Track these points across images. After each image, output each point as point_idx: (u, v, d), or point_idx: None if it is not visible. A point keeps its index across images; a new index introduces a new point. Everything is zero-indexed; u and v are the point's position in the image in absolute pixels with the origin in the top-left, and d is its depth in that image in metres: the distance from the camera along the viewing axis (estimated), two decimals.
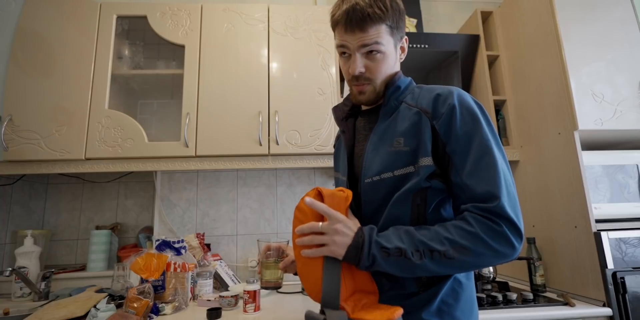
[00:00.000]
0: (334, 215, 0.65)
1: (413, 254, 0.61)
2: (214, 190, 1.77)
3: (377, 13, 0.68)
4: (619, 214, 1.29)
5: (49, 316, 1.08)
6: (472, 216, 0.62)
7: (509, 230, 0.60)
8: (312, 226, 0.65)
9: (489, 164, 0.64)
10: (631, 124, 1.32)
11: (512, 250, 0.60)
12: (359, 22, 0.69)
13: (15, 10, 1.49)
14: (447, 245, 0.60)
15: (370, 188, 0.72)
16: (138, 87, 1.74)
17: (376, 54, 0.72)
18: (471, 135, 0.66)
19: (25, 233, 1.48)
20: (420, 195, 0.67)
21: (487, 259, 0.61)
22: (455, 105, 0.68)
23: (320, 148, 1.49)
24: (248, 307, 1.19)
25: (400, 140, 0.70)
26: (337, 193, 0.69)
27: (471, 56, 1.77)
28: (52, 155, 1.38)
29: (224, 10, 1.58)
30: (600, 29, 1.40)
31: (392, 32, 0.72)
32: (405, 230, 0.65)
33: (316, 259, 0.65)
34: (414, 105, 0.72)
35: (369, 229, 0.66)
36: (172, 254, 1.33)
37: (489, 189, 0.62)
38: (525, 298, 1.25)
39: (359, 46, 0.71)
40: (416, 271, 0.62)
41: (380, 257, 0.62)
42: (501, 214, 0.60)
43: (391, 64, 0.75)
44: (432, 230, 0.63)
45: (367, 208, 0.73)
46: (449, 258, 0.60)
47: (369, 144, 0.75)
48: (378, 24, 0.69)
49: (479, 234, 0.60)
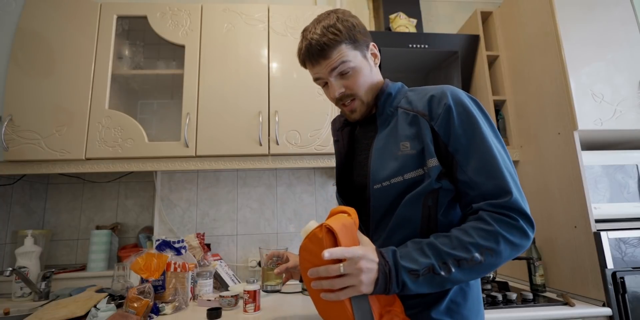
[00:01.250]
0: (354, 254, 0.58)
1: (441, 267, 0.59)
2: (214, 190, 1.77)
3: (331, 39, 0.72)
4: (618, 214, 1.29)
5: (49, 316, 1.08)
6: (489, 214, 0.62)
7: (525, 223, 0.61)
8: (331, 270, 0.58)
9: (492, 159, 0.64)
10: (631, 124, 1.32)
11: (527, 241, 0.62)
12: (320, 53, 0.73)
13: (15, 10, 1.49)
14: (473, 251, 0.59)
15: (380, 193, 0.72)
16: (138, 87, 1.75)
17: (348, 71, 0.75)
18: (470, 132, 0.67)
19: (26, 233, 1.48)
20: (431, 197, 0.67)
21: (507, 254, 0.61)
22: (451, 104, 0.68)
23: (320, 148, 1.49)
24: (248, 307, 1.19)
25: (406, 144, 0.70)
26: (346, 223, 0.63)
27: (471, 56, 1.77)
28: (52, 155, 1.38)
29: (224, 10, 1.58)
30: (599, 29, 1.40)
31: (354, 46, 0.75)
32: (427, 243, 0.62)
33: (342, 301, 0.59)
34: (411, 110, 0.73)
35: (391, 253, 0.61)
36: (172, 254, 1.33)
37: (499, 184, 0.63)
38: (525, 298, 1.25)
39: (329, 72, 0.75)
40: (445, 284, 0.60)
41: (410, 281, 0.59)
42: (515, 208, 0.61)
43: (367, 74, 0.77)
44: (452, 238, 0.61)
45: (376, 213, 0.73)
46: (476, 263, 0.59)
47: (373, 151, 0.75)
48: (337, 46, 0.73)
49: (500, 231, 0.60)
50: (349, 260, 0.58)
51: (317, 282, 0.60)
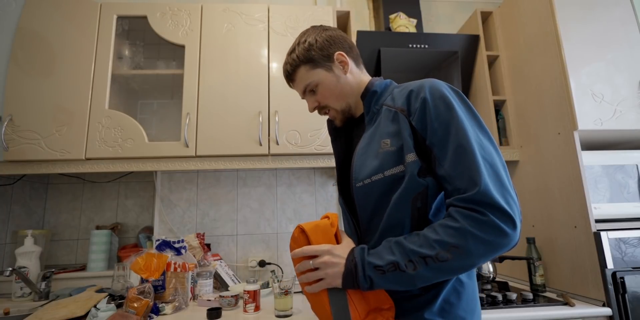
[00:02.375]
0: (319, 249, 0.67)
1: (406, 265, 0.60)
2: (214, 190, 1.77)
3: (292, 65, 0.82)
4: (618, 214, 1.29)
5: (49, 316, 1.08)
6: (457, 210, 0.59)
7: (496, 217, 0.56)
8: (304, 265, 0.68)
9: (466, 151, 0.61)
10: (631, 124, 1.32)
11: (505, 239, 0.57)
12: (288, 77, 0.85)
13: (15, 10, 1.49)
14: (438, 248, 0.58)
15: (362, 191, 0.72)
16: (138, 87, 1.75)
17: (314, 88, 0.82)
18: (447, 124, 0.64)
19: (26, 233, 1.48)
20: (420, 198, 0.66)
21: (481, 253, 0.57)
22: (427, 98, 0.67)
23: (320, 148, 1.49)
24: (248, 307, 1.19)
25: (387, 141, 0.70)
26: (320, 224, 0.71)
27: (471, 56, 1.77)
28: (52, 155, 1.38)
29: (224, 10, 1.58)
30: (600, 29, 1.40)
31: (312, 65, 0.81)
32: (395, 241, 0.64)
33: (321, 293, 0.66)
34: (392, 106, 0.73)
35: (359, 250, 0.66)
36: (172, 254, 1.33)
37: (469, 176, 0.59)
38: (525, 298, 1.25)
39: (302, 92, 0.85)
40: (416, 282, 0.61)
41: (376, 277, 0.62)
42: (483, 200, 0.57)
43: (333, 85, 0.81)
44: (421, 236, 0.62)
45: (363, 213, 0.73)
46: (442, 261, 0.58)
47: (357, 150, 0.76)
48: (297, 70, 0.82)
49: (466, 228, 0.57)
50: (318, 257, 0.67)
51: (299, 277, 0.69)
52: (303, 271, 0.68)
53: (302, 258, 0.69)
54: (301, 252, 0.68)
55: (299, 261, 0.69)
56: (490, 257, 0.59)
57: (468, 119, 0.65)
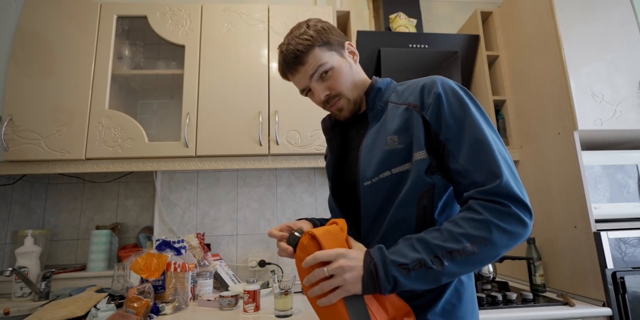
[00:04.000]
0: (334, 253, 0.60)
1: (433, 261, 0.57)
2: (214, 190, 1.77)
3: (304, 44, 0.74)
4: (618, 214, 1.29)
5: (49, 316, 1.08)
6: (478, 202, 0.59)
7: (518, 208, 0.58)
8: (318, 274, 0.60)
9: (484, 146, 0.62)
10: (631, 124, 1.32)
11: (525, 229, 0.59)
12: (295, 60, 0.75)
13: (15, 10, 1.49)
14: (464, 241, 0.57)
15: (370, 190, 0.71)
16: (138, 87, 1.75)
17: (327, 72, 0.75)
18: (461, 120, 0.65)
19: (26, 233, 1.48)
20: (426, 196, 0.65)
21: (503, 243, 0.58)
22: (441, 93, 0.67)
23: (320, 148, 1.49)
24: (248, 307, 1.19)
25: (394, 138, 0.69)
26: (330, 229, 0.66)
27: (471, 56, 1.77)
28: (52, 155, 1.38)
29: (224, 10, 1.58)
30: (599, 29, 1.40)
31: (328, 47, 0.75)
32: (417, 238, 0.61)
33: (337, 305, 0.59)
34: (401, 103, 0.73)
35: (377, 250, 0.61)
36: (172, 254, 1.33)
37: (489, 170, 0.60)
38: (525, 298, 1.25)
39: (309, 77, 0.76)
40: (441, 279, 0.59)
41: (401, 276, 0.58)
42: (505, 193, 0.58)
43: (347, 71, 0.77)
44: (442, 231, 0.60)
45: (368, 212, 0.72)
46: (469, 254, 0.57)
47: (363, 147, 0.75)
48: (310, 51, 0.74)
49: (491, 220, 0.57)
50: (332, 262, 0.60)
51: (311, 289, 0.61)
52: (315, 282, 0.61)
53: (312, 268, 0.61)
54: (314, 259, 0.61)
55: (309, 271, 0.61)
56: (511, 248, 0.59)
57: (479, 116, 0.66)
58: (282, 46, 0.77)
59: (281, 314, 1.14)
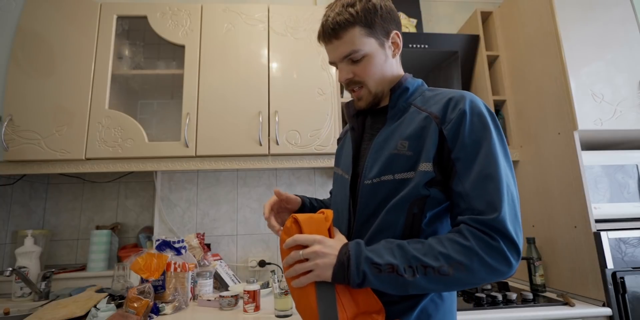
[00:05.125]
0: (311, 238, 0.63)
1: (405, 270, 0.58)
2: (214, 190, 1.77)
3: (346, 18, 0.69)
4: (618, 214, 1.29)
5: (49, 316, 1.08)
6: (469, 229, 0.59)
7: (506, 246, 0.57)
8: (294, 256, 0.63)
9: (493, 176, 0.60)
10: (631, 124, 1.32)
11: (508, 268, 0.58)
12: (332, 31, 0.71)
13: (15, 10, 1.49)
14: (442, 261, 0.57)
15: (369, 190, 0.70)
16: (138, 87, 1.74)
17: (359, 58, 0.72)
18: (479, 143, 0.63)
19: (26, 233, 1.48)
20: (417, 204, 0.64)
21: (482, 276, 0.58)
22: (466, 111, 0.65)
23: (320, 148, 1.49)
24: (248, 307, 1.19)
25: (404, 143, 0.68)
26: (314, 216, 0.68)
27: (471, 56, 1.77)
28: (52, 155, 1.38)
29: (224, 10, 1.58)
30: (599, 29, 1.40)
31: (370, 31, 0.71)
32: (398, 244, 0.62)
33: (308, 288, 0.62)
34: (424, 109, 0.70)
35: (354, 244, 0.63)
36: (172, 254, 1.33)
37: (490, 201, 0.59)
38: (525, 298, 1.25)
39: (341, 57, 0.73)
40: (408, 289, 0.59)
41: (371, 274, 0.59)
42: (499, 228, 0.57)
43: (379, 63, 0.73)
44: (425, 244, 0.60)
45: (363, 212, 0.71)
46: (443, 275, 0.57)
47: (374, 144, 0.73)
48: (350, 28, 0.70)
49: (475, 249, 0.57)
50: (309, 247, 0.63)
51: (287, 271, 0.65)
52: (292, 264, 0.64)
53: (291, 249, 0.65)
54: (293, 241, 0.63)
55: (289, 253, 0.65)
56: (488, 281, 0.60)
57: (498, 145, 0.64)
58: (328, 10, 0.74)
59: (281, 314, 1.14)
